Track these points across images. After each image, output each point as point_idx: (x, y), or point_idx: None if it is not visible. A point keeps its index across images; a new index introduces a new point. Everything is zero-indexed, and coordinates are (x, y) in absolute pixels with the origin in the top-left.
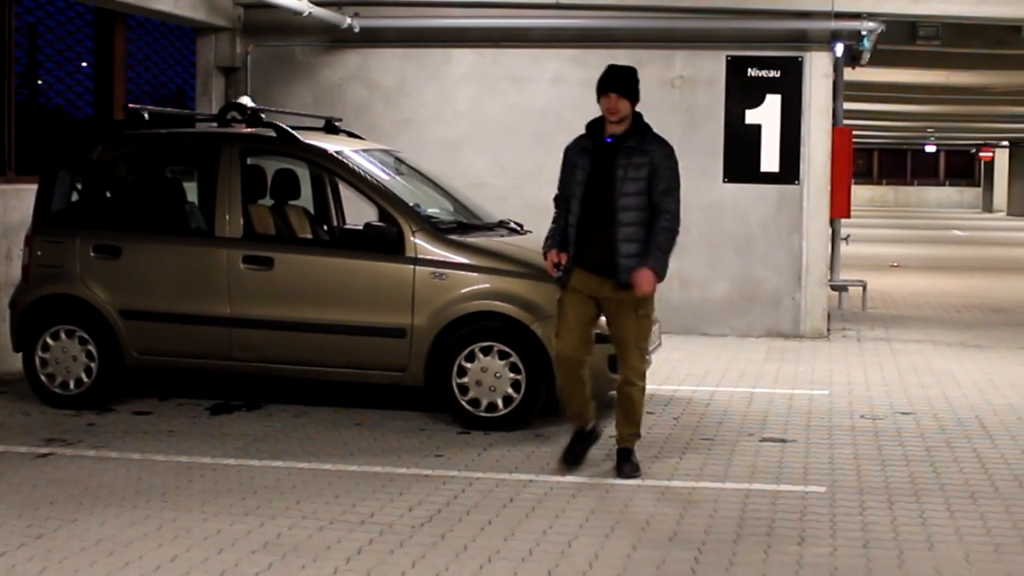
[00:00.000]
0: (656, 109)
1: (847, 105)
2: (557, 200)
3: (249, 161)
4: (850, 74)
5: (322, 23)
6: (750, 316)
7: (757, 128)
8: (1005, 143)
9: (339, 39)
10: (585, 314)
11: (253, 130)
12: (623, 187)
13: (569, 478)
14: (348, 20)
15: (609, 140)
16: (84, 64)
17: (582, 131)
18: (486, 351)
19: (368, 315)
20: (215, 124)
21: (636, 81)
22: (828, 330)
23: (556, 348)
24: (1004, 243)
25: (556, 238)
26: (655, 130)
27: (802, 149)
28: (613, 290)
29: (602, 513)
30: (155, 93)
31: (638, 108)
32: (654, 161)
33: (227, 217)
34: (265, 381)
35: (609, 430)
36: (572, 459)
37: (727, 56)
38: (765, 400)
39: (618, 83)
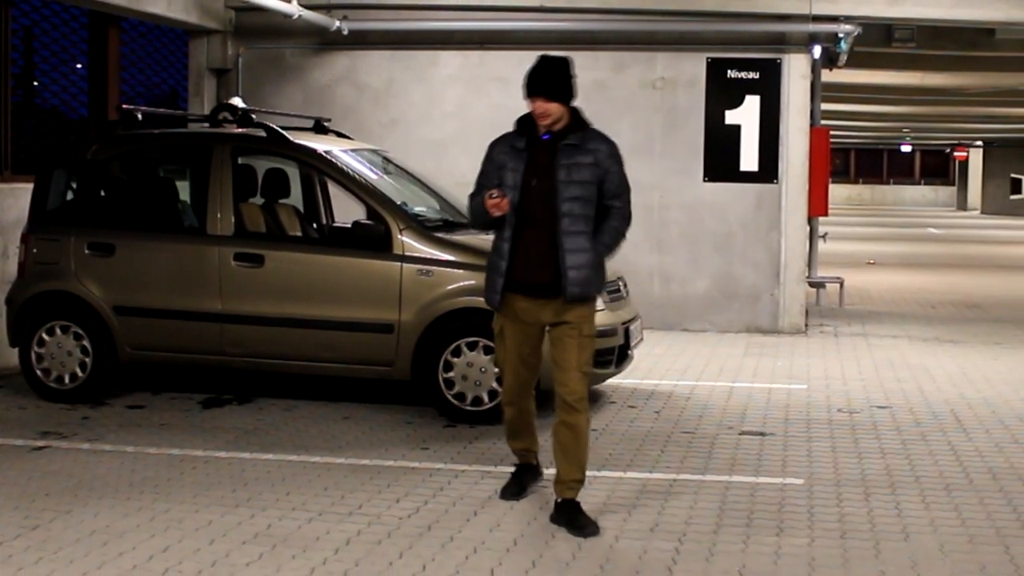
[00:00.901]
0: (638, 110)
1: (824, 106)
2: (472, 198)
3: (240, 161)
4: (827, 75)
5: (311, 26)
6: (730, 312)
7: (737, 128)
8: (979, 143)
9: (328, 41)
10: (528, 345)
11: (244, 130)
12: (566, 190)
13: (552, 470)
14: (337, 23)
15: (546, 137)
16: (79, 66)
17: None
18: (472, 346)
19: (356, 311)
20: (207, 124)
21: (568, 77)
22: (806, 326)
23: (504, 393)
24: (978, 241)
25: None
26: (637, 130)
27: (781, 149)
28: (556, 312)
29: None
30: (148, 94)
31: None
32: (600, 161)
33: (219, 215)
34: (256, 376)
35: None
36: (516, 494)
37: (707, 58)
38: (744, 394)
39: (543, 86)
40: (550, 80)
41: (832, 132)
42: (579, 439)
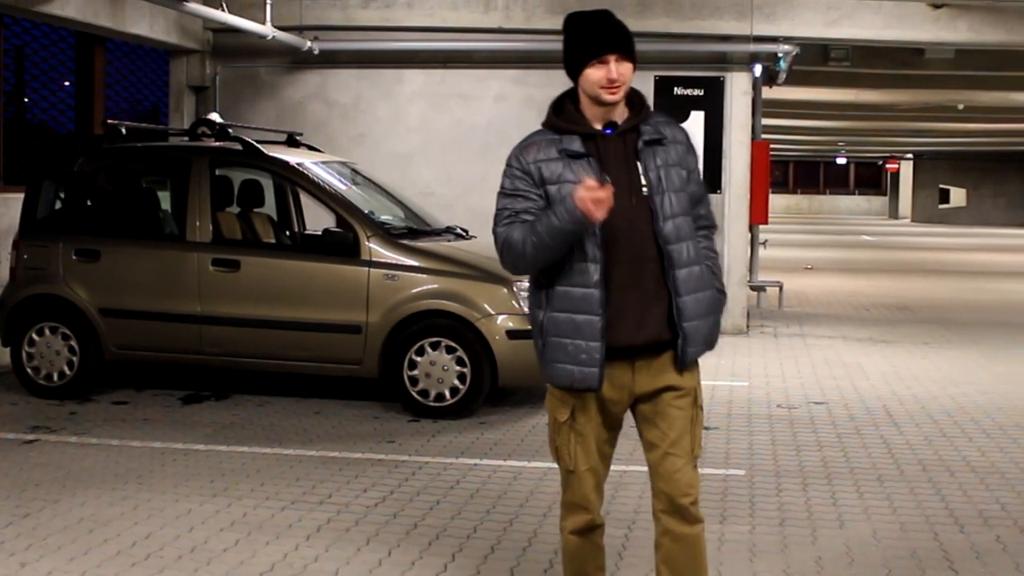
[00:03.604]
0: None
1: (765, 121)
2: (510, 227)
3: (218, 172)
4: (768, 92)
5: (285, 46)
6: None
7: None
8: (909, 155)
9: (300, 61)
10: (610, 433)
11: (221, 144)
12: (666, 205)
13: (510, 462)
14: (308, 43)
15: (609, 132)
16: (67, 83)
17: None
18: (434, 346)
19: (326, 313)
20: (187, 138)
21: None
22: (748, 327)
23: (569, 512)
24: (908, 247)
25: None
26: None
27: (724, 161)
28: (656, 376)
29: (540, 495)
30: (132, 110)
31: None
32: (683, 158)
33: (197, 223)
34: (232, 373)
35: None
36: None
37: (655, 76)
38: None
39: (617, 36)
40: (623, 30)
41: (772, 145)
42: (699, 561)
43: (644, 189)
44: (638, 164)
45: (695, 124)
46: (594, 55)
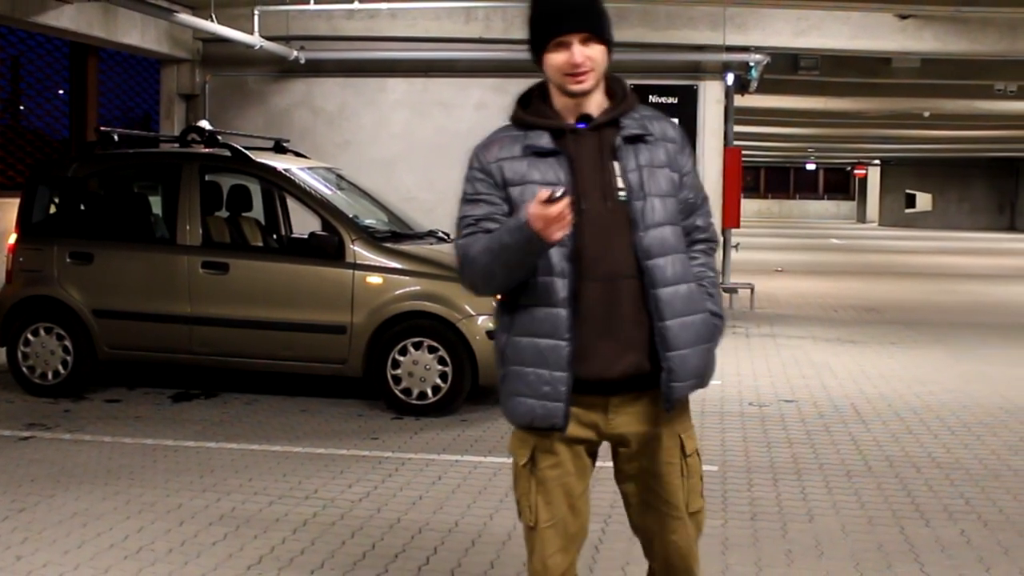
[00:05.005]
0: None
1: (737, 128)
2: (467, 239)
3: (207, 178)
4: (740, 100)
5: (272, 55)
6: None
7: None
8: (877, 161)
9: (287, 70)
10: (582, 478)
11: (211, 150)
12: (647, 212)
13: (490, 458)
14: (295, 53)
15: (582, 126)
16: (61, 92)
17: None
18: (417, 346)
19: (312, 314)
20: (177, 145)
21: (604, 7)
22: None
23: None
24: (876, 250)
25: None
26: None
27: (697, 167)
28: (639, 418)
29: (499, 489)
30: (124, 117)
31: None
32: (672, 158)
33: (187, 227)
34: (221, 372)
35: None
36: None
37: (631, 84)
38: None
39: (582, 14)
40: (588, 5)
41: (744, 152)
42: None
43: (621, 193)
44: (615, 164)
45: None
46: (552, 35)
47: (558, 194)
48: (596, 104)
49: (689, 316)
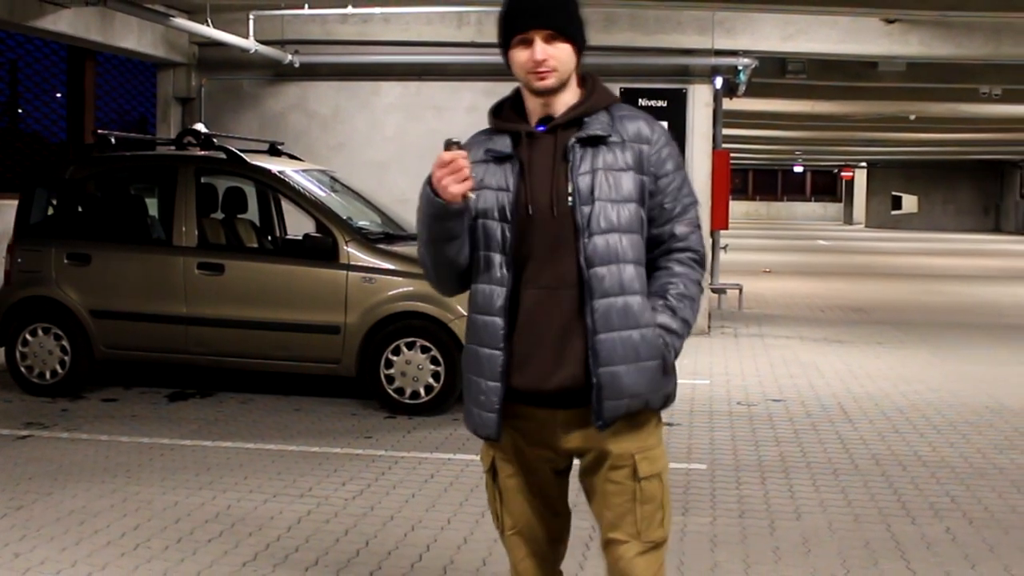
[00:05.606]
0: None
1: (725, 131)
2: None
3: (203, 180)
4: (728, 103)
5: (266, 59)
6: None
7: None
8: (863, 164)
9: (281, 73)
10: (536, 498)
11: (206, 153)
12: (594, 219)
13: None
14: (289, 57)
15: (542, 128)
16: (58, 95)
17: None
18: (410, 346)
19: (307, 314)
20: (173, 148)
21: (577, 6)
22: (709, 327)
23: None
24: (862, 251)
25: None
26: None
27: (686, 169)
28: (589, 437)
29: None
30: (121, 120)
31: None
32: (645, 160)
33: (183, 229)
34: (217, 372)
35: None
36: None
37: (620, 87)
38: None
39: (543, 10)
40: (558, 4)
41: (732, 154)
42: None
43: (570, 198)
44: (568, 166)
45: None
46: (515, 31)
47: (454, 143)
48: (564, 105)
49: (627, 331)
